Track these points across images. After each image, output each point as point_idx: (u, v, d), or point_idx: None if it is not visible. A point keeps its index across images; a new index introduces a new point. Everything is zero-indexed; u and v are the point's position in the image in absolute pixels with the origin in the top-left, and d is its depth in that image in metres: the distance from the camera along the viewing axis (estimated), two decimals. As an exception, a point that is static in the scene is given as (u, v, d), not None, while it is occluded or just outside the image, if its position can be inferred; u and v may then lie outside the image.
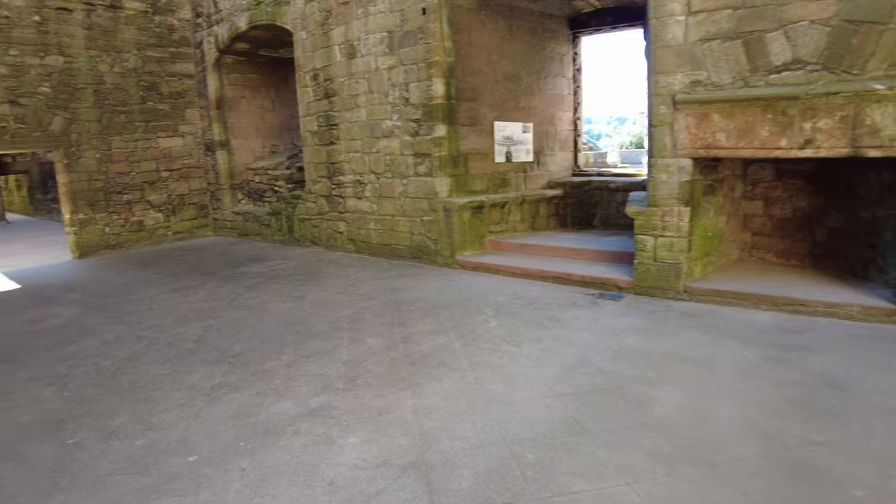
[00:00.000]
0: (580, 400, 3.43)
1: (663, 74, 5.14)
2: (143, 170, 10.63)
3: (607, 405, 3.36)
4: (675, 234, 5.29)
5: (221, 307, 6.15)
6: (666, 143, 5.20)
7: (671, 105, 5.11)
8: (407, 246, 7.72)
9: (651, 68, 5.24)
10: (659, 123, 5.22)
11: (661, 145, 5.23)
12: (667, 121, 5.17)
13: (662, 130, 5.21)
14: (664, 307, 5.19)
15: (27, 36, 9.09)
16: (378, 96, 7.62)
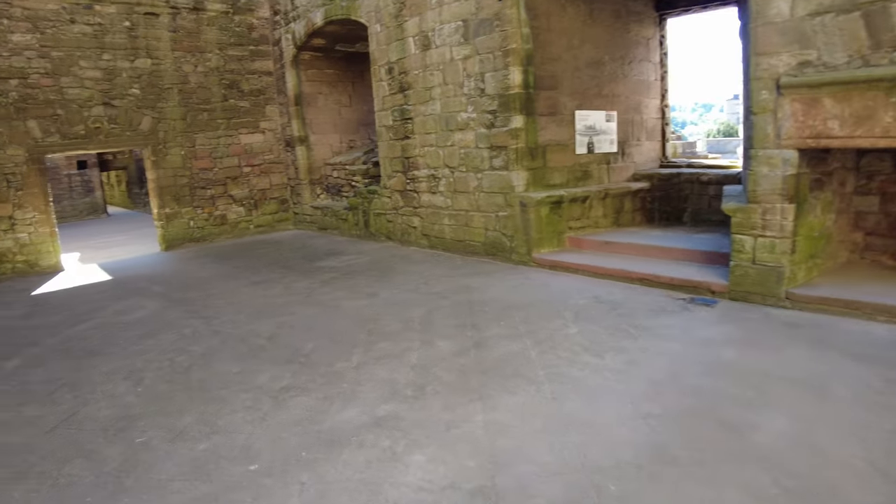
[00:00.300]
0: (669, 422, 3.05)
1: (765, 55, 4.56)
2: (226, 165, 10.95)
3: (700, 430, 2.97)
4: (777, 233, 4.72)
5: (296, 303, 6.14)
6: (768, 133, 4.63)
7: (774, 90, 4.54)
8: (481, 242, 7.46)
9: (750, 49, 4.68)
10: (760, 111, 4.65)
11: (763, 135, 4.66)
12: (769, 107, 4.60)
13: (764, 118, 4.64)
14: (763, 316, 4.64)
15: (118, 41, 9.53)
16: (453, 88, 7.38)
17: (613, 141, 7.82)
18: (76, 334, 5.74)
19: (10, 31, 8.75)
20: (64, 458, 3.27)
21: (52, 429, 3.70)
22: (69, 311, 6.68)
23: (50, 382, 4.48)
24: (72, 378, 4.53)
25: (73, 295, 7.58)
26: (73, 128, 9.36)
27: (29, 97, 8.96)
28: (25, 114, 8.96)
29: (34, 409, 4.02)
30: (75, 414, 3.89)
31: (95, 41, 9.34)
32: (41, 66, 9.00)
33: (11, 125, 8.87)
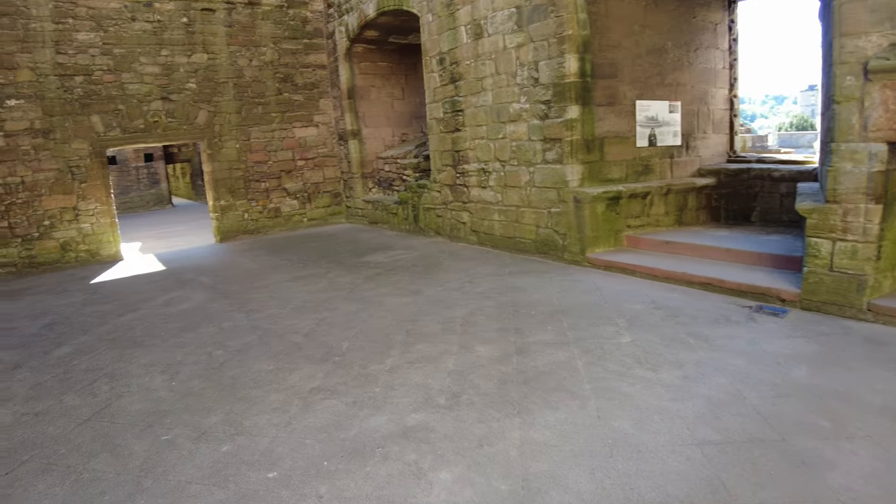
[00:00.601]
0: (728, 452, 2.67)
1: (851, 36, 4.04)
2: (280, 159, 11.01)
3: (764, 463, 2.58)
4: (859, 237, 4.18)
5: (338, 298, 6.01)
6: (852, 124, 4.10)
7: (861, 75, 4.01)
8: (532, 240, 7.12)
9: (833, 30, 4.15)
10: (843, 99, 4.13)
11: (846, 126, 4.13)
12: (854, 95, 4.07)
13: (848, 108, 4.11)
14: (841, 329, 4.13)
15: (176, 37, 9.71)
16: (505, 78, 7.06)
17: (677, 133, 7.31)
18: (124, 324, 5.81)
19: (76, 29, 9.04)
20: (91, 453, 3.23)
21: (86, 420, 3.69)
22: (120, 301, 6.81)
23: (92, 371, 4.52)
24: (112, 368, 4.55)
25: (126, 284, 7.75)
26: (133, 122, 9.60)
27: (92, 93, 9.24)
28: (89, 109, 9.25)
29: (73, 398, 4.04)
30: (109, 406, 3.87)
31: (154, 38, 9.54)
32: (104, 63, 9.26)
33: (76, 120, 9.17)
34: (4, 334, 5.88)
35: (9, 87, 8.74)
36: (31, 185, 9.01)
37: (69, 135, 9.15)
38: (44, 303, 7.14)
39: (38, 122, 8.95)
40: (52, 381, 4.42)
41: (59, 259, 9.31)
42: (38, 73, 8.87)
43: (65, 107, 9.08)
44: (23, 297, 7.63)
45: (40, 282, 8.52)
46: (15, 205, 8.96)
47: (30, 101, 8.86)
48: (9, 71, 8.72)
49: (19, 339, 5.65)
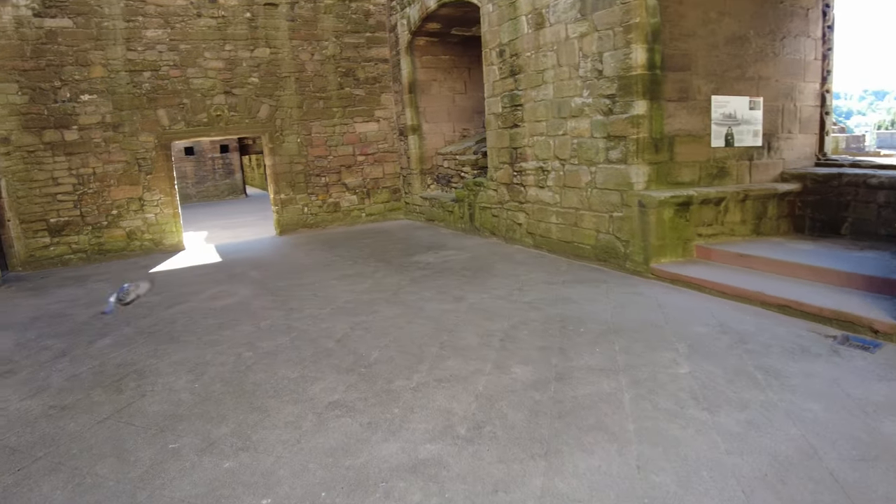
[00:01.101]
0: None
1: None
2: (340, 154, 10.93)
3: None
4: None
5: (380, 301, 5.75)
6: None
7: None
8: (591, 245, 6.61)
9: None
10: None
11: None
12: None
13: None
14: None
15: (239, 32, 9.77)
16: (567, 70, 6.57)
17: (758, 133, 6.57)
18: (167, 317, 5.80)
19: (145, 27, 9.26)
20: (100, 455, 3.16)
21: (105, 419, 3.62)
22: (171, 293, 6.86)
23: (124, 366, 4.49)
24: (143, 365, 4.49)
25: (180, 276, 7.84)
26: (197, 115, 9.76)
27: (159, 88, 9.46)
28: (156, 103, 9.47)
29: (100, 393, 4.01)
30: (130, 405, 3.78)
31: (218, 33, 9.66)
32: (170, 59, 9.46)
33: (144, 114, 9.41)
34: (60, 321, 6.03)
35: (83, 83, 9.06)
36: (101, 176, 9.33)
37: (137, 128, 9.40)
38: (101, 291, 7.32)
39: (109, 116, 9.24)
40: (86, 373, 4.42)
41: (124, 247, 9.61)
42: (110, 70, 9.16)
43: (133, 101, 9.33)
44: (86, 283, 7.88)
45: (105, 269, 8.80)
46: (86, 195, 9.30)
47: (101, 96, 9.16)
48: (83, 67, 9.04)
49: (71, 327, 5.76)
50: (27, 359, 4.90)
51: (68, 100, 9.04)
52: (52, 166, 9.10)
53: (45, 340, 5.38)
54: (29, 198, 9.07)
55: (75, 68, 9.01)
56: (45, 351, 5.06)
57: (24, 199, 9.06)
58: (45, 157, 9.06)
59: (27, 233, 9.12)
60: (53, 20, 8.85)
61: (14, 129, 8.90)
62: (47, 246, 9.23)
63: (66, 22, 8.90)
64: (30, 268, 9.17)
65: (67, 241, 9.30)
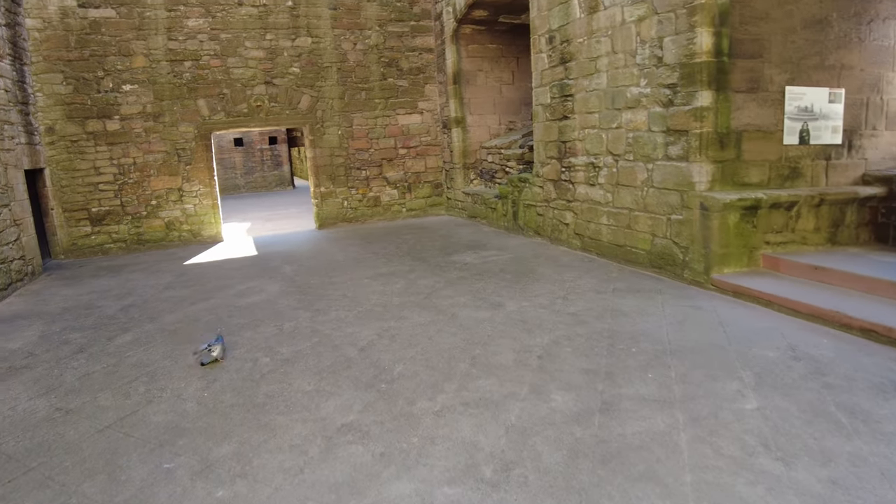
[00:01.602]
0: None
1: None
2: (382, 147, 10.60)
3: None
4: None
5: (411, 305, 5.35)
6: None
7: None
8: (645, 251, 6.02)
9: None
10: None
11: None
12: None
13: None
14: None
15: (281, 21, 9.54)
16: (623, 57, 5.99)
17: (837, 129, 5.83)
18: (191, 314, 5.58)
19: (186, 16, 9.14)
20: (91, 472, 2.91)
21: (107, 427, 3.39)
22: (200, 287, 6.66)
23: (139, 367, 4.27)
24: (158, 367, 4.26)
25: (213, 269, 7.66)
26: (237, 106, 9.59)
27: (199, 78, 9.33)
28: (196, 93, 9.35)
29: (108, 397, 3.80)
30: (135, 413, 3.53)
31: (259, 22, 9.45)
32: (211, 49, 9.31)
33: (184, 104, 9.30)
34: (87, 313, 5.91)
35: (125, 73, 9.01)
36: (141, 166, 9.28)
37: (177, 118, 9.30)
38: (134, 282, 7.21)
39: (150, 106, 9.17)
40: (100, 373, 4.22)
41: (163, 238, 9.54)
42: (151, 60, 9.07)
43: (174, 91, 9.23)
44: (121, 274, 7.81)
45: (142, 259, 8.74)
46: (127, 184, 9.27)
47: (143, 85, 9.10)
48: (126, 57, 8.99)
49: (96, 320, 5.62)
50: (48, 352, 4.77)
51: (111, 90, 9.01)
52: (94, 156, 9.10)
53: (68, 334, 5.24)
54: (72, 187, 9.09)
55: (118, 58, 8.96)
56: (65, 346, 4.92)
57: (67, 188, 9.09)
58: (88, 146, 9.06)
59: (69, 221, 9.16)
60: (97, 10, 8.81)
61: (59, 119, 8.93)
62: (88, 235, 9.24)
63: (109, 12, 8.85)
64: (71, 255, 9.21)
65: (108, 231, 9.30)
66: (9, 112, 7.93)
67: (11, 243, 7.52)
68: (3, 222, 7.39)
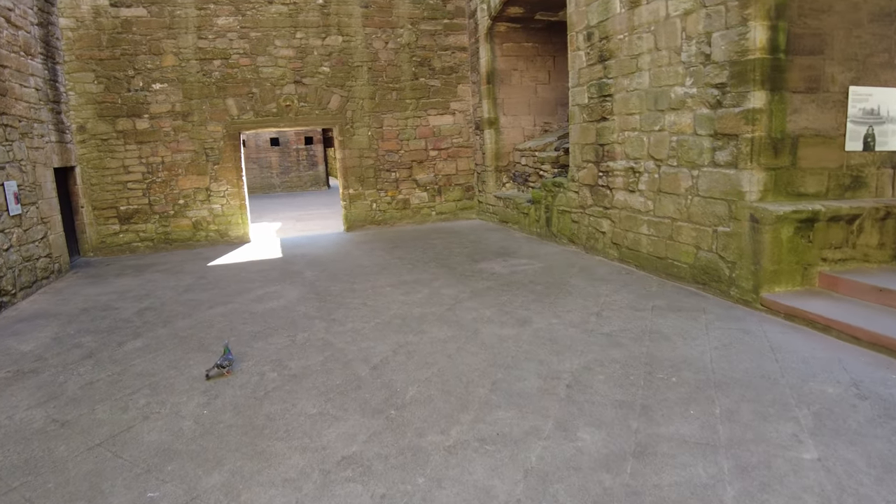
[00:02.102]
0: None
1: None
2: (412, 148, 10.32)
3: None
4: None
5: (432, 317, 5.03)
6: None
7: None
8: (688, 264, 5.56)
9: None
10: None
11: None
12: None
13: None
14: None
15: (311, 19, 9.35)
16: (666, 54, 5.54)
17: (912, 134, 5.27)
18: (206, 319, 5.40)
19: (216, 14, 9.04)
20: (72, 496, 2.75)
21: (97, 445, 3.21)
22: (219, 290, 6.49)
23: (143, 377, 4.10)
24: (161, 378, 4.07)
25: (235, 271, 7.50)
26: (266, 105, 9.45)
27: (228, 77, 9.22)
28: (225, 92, 9.24)
29: (106, 410, 3.63)
30: (129, 430, 3.32)
31: (290, 20, 9.29)
32: (240, 47, 9.19)
33: (213, 103, 9.20)
34: (104, 315, 5.80)
35: (155, 72, 8.96)
36: (169, 166, 9.21)
37: (205, 117, 9.21)
38: (156, 283, 7.09)
39: (179, 105, 9.10)
40: (104, 381, 4.07)
41: (190, 237, 9.46)
42: (181, 58, 9.00)
43: (203, 90, 9.14)
44: (144, 273, 7.72)
45: (167, 259, 8.66)
46: (155, 183, 9.22)
47: (172, 84, 9.03)
48: (156, 56, 8.94)
49: (111, 323, 5.50)
50: (57, 357, 4.65)
51: (140, 88, 8.97)
52: (124, 154, 9.07)
53: (81, 337, 5.12)
54: (101, 185, 9.08)
55: (148, 57, 8.91)
56: (75, 350, 4.79)
57: (97, 186, 9.08)
58: (118, 145, 9.04)
59: (99, 219, 9.15)
60: (129, 9, 8.78)
61: (90, 118, 8.93)
62: (117, 233, 9.23)
63: (140, 11, 8.81)
64: (100, 253, 9.21)
65: (136, 229, 9.27)
66: (39, 111, 7.94)
67: (38, 241, 7.51)
68: (30, 220, 7.37)
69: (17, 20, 7.48)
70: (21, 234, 7.08)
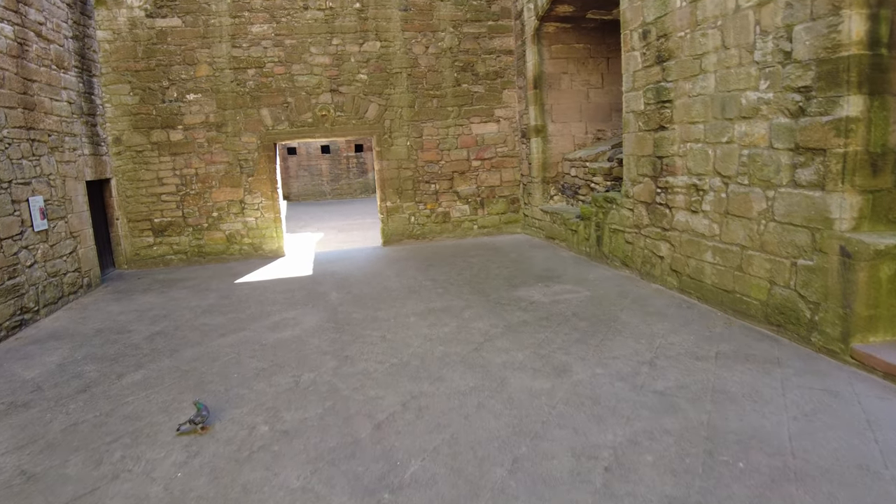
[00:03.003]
0: None
1: None
2: (454, 158, 9.73)
3: None
4: None
5: (455, 359, 4.41)
6: None
7: None
8: (760, 301, 4.71)
9: None
10: None
11: None
12: None
13: None
14: None
15: (348, 24, 8.94)
16: (736, 53, 4.73)
17: None
18: (213, 350, 5.01)
19: (251, 22, 8.76)
20: None
21: None
22: (237, 314, 6.10)
23: (129, 421, 3.77)
24: (147, 423, 3.72)
25: (260, 290, 7.13)
26: (301, 115, 9.09)
27: (263, 86, 8.91)
28: (259, 102, 8.94)
29: (76, 463, 3.30)
30: (93, 492, 2.98)
31: (326, 26, 8.91)
32: (275, 55, 8.88)
33: (247, 113, 8.92)
34: (116, 339, 5.55)
35: (189, 83, 8.75)
36: (203, 177, 8.98)
37: (240, 128, 8.93)
38: (178, 302, 6.82)
39: (213, 116, 8.86)
40: (88, 424, 3.75)
41: (224, 251, 9.20)
42: (215, 68, 8.76)
43: (237, 100, 8.87)
44: (170, 290, 7.47)
45: (197, 273, 8.40)
46: (189, 195, 9.00)
47: (206, 95, 8.80)
48: (190, 66, 8.73)
49: (119, 349, 5.22)
50: (54, 388, 4.38)
51: (175, 99, 8.77)
52: (158, 166, 8.90)
53: (85, 365, 4.86)
54: (136, 197, 8.94)
55: (182, 67, 8.71)
56: (75, 380, 4.51)
57: (132, 198, 8.94)
58: (152, 157, 8.87)
59: (133, 231, 9.01)
60: (164, 20, 8.61)
61: (125, 130, 8.80)
62: (151, 245, 9.06)
63: (175, 21, 8.62)
64: (134, 266, 9.07)
65: (169, 242, 9.08)
66: (72, 124, 7.81)
67: (66, 256, 7.35)
68: (58, 235, 7.22)
69: (49, 34, 7.36)
70: (47, 249, 6.92)
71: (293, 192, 23.53)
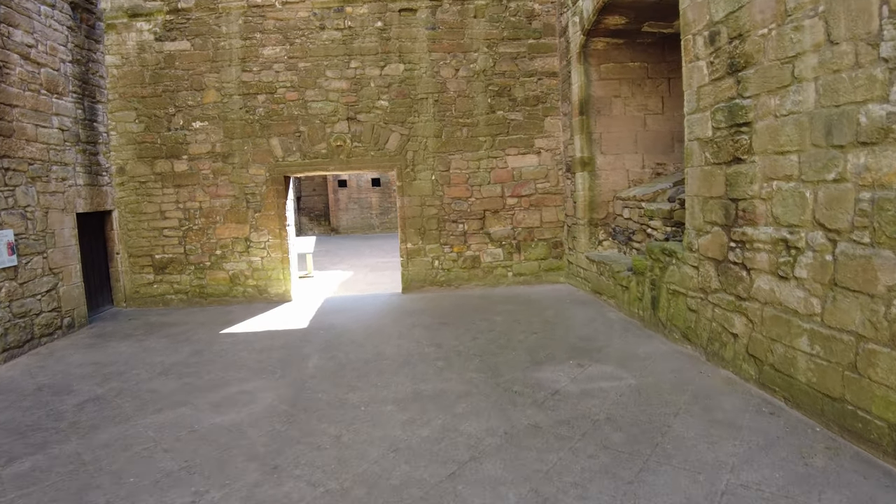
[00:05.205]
0: None
1: None
2: (485, 195, 8.45)
3: None
4: None
5: (416, 495, 3.06)
6: None
7: None
8: (887, 423, 3.10)
9: None
10: None
11: None
12: None
13: None
14: None
15: (368, 45, 7.98)
16: (851, 49, 3.23)
17: None
18: (131, 435, 3.94)
19: (263, 44, 8.00)
20: None
21: None
22: (193, 380, 5.08)
23: None
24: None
25: (239, 346, 6.10)
26: (315, 146, 8.15)
27: (273, 113, 8.07)
28: (269, 131, 8.10)
29: None
30: None
31: (343, 47, 8.00)
32: (288, 80, 8.05)
33: (255, 143, 8.08)
34: (44, 404, 4.70)
35: (196, 109, 8.02)
36: (207, 212, 8.14)
37: (247, 159, 8.08)
38: (145, 355, 5.97)
39: (219, 146, 8.07)
40: None
41: (226, 292, 8.28)
42: (223, 94, 8.01)
43: (245, 128, 8.05)
44: (148, 338, 6.63)
45: (190, 318, 7.50)
46: (192, 231, 8.18)
47: (213, 122, 8.05)
48: (197, 92, 8.02)
49: (35, 419, 4.43)
50: None
51: (180, 127, 8.05)
52: (161, 199, 8.15)
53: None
54: (138, 231, 8.19)
55: (189, 93, 7.99)
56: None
57: (134, 231, 8.20)
58: (155, 188, 8.13)
59: (134, 267, 8.26)
60: (173, 43, 7.98)
61: (130, 159, 8.15)
62: (151, 283, 8.27)
63: (184, 45, 7.97)
64: (133, 304, 8.30)
65: (170, 280, 8.25)
66: (63, 152, 7.14)
67: (42, 294, 6.59)
68: (32, 272, 6.47)
69: (40, 57, 6.75)
70: (14, 288, 6.18)
71: (342, 224, 22.93)
